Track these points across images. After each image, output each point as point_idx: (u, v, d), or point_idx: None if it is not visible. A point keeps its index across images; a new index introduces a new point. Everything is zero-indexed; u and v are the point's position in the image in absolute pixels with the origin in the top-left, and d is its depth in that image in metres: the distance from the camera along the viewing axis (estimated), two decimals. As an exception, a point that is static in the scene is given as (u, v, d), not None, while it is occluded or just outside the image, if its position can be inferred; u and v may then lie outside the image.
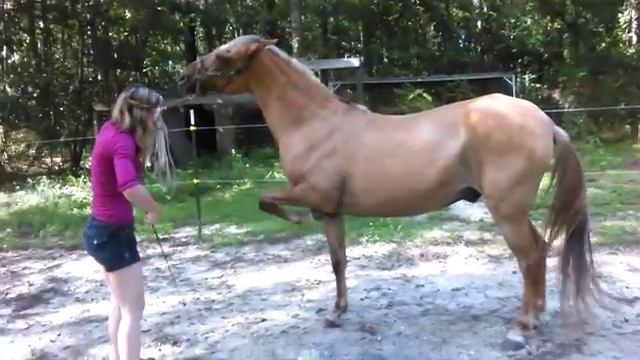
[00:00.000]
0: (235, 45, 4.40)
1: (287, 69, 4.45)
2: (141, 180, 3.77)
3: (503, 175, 3.90)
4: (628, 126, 19.44)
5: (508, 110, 4.03)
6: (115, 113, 3.55)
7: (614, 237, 7.00)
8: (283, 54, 4.52)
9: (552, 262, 4.50)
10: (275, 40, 4.56)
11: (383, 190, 4.20)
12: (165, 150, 4.25)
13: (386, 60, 28.84)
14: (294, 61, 4.58)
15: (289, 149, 4.45)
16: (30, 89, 21.29)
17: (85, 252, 3.88)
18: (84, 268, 7.19)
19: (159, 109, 4.17)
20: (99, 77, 24.03)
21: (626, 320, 4.49)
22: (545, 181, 4.24)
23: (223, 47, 4.49)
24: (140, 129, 3.57)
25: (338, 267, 4.83)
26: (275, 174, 13.66)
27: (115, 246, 3.56)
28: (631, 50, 22.41)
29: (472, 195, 4.28)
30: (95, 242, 3.56)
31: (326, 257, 5.75)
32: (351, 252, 7.08)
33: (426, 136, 4.11)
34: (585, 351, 3.99)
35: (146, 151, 3.73)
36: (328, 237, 4.86)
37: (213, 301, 5.62)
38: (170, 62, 27.58)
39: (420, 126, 4.21)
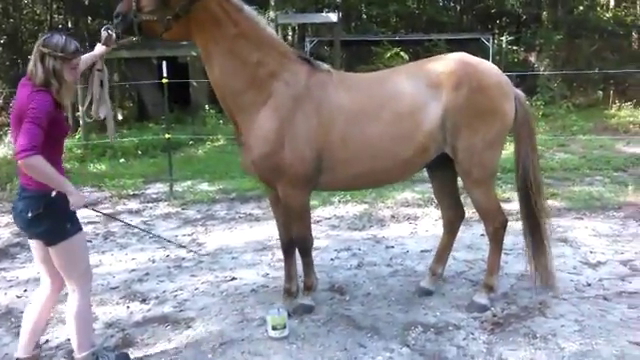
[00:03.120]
0: None
1: (238, 17, 3.70)
2: (62, 145, 3.31)
3: (478, 138, 3.86)
4: (600, 92, 19.62)
5: (487, 71, 3.97)
6: (30, 66, 3.08)
7: (581, 202, 7.13)
8: None
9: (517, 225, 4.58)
10: None
11: (364, 159, 3.84)
12: (99, 96, 3.71)
13: (364, 17, 28.40)
14: (247, 8, 3.78)
15: (256, 132, 3.76)
16: (-3, 35, 20.56)
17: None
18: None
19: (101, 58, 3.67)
20: (69, 25, 23.19)
21: (588, 284, 4.61)
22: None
23: None
24: (55, 82, 3.05)
25: (290, 248, 4.28)
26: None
27: (54, 217, 3.12)
28: (608, 14, 22.44)
29: (435, 163, 4.13)
30: (29, 215, 3.11)
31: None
32: (322, 212, 7.12)
33: (410, 97, 3.83)
34: (548, 314, 4.09)
35: (66, 108, 3.29)
36: (276, 212, 4.30)
37: (183, 259, 5.59)
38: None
39: (400, 86, 3.89)
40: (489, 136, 3.89)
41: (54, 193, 3.08)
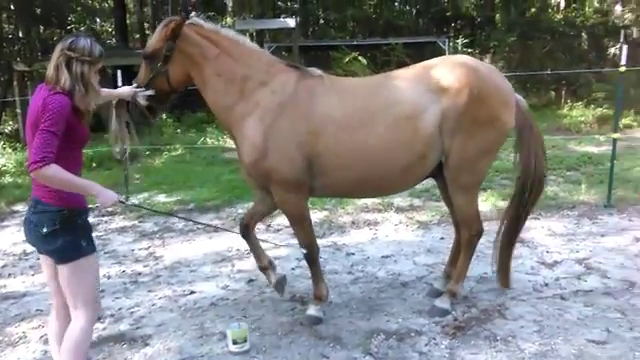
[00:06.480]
0: (154, 35, 3.94)
1: (217, 39, 3.90)
2: (80, 152, 3.12)
3: (472, 145, 3.81)
4: (553, 92, 20.09)
5: (489, 79, 3.89)
6: (49, 70, 2.88)
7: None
8: (208, 24, 3.97)
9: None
10: (192, 14, 4.18)
11: (358, 166, 3.80)
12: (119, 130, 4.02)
13: (322, 22, 28.51)
14: (223, 29, 4.00)
15: (244, 140, 3.87)
16: (-58, 46, 19.80)
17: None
18: (0, 240, 6.84)
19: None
20: (20, 34, 22.54)
21: (546, 284, 4.67)
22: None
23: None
24: (82, 87, 2.89)
25: (247, 230, 4.38)
26: (207, 140, 13.38)
27: (70, 234, 2.93)
28: (559, 16, 23.03)
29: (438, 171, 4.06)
30: (45, 230, 2.89)
31: (258, 226, 5.64)
32: (283, 220, 7.03)
33: (409, 102, 3.75)
34: (507, 315, 4.13)
35: (88, 115, 3.04)
36: (255, 203, 4.43)
37: (139, 274, 5.45)
38: (97, 19, 26.25)
39: (400, 91, 3.82)
40: (484, 144, 3.86)
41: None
